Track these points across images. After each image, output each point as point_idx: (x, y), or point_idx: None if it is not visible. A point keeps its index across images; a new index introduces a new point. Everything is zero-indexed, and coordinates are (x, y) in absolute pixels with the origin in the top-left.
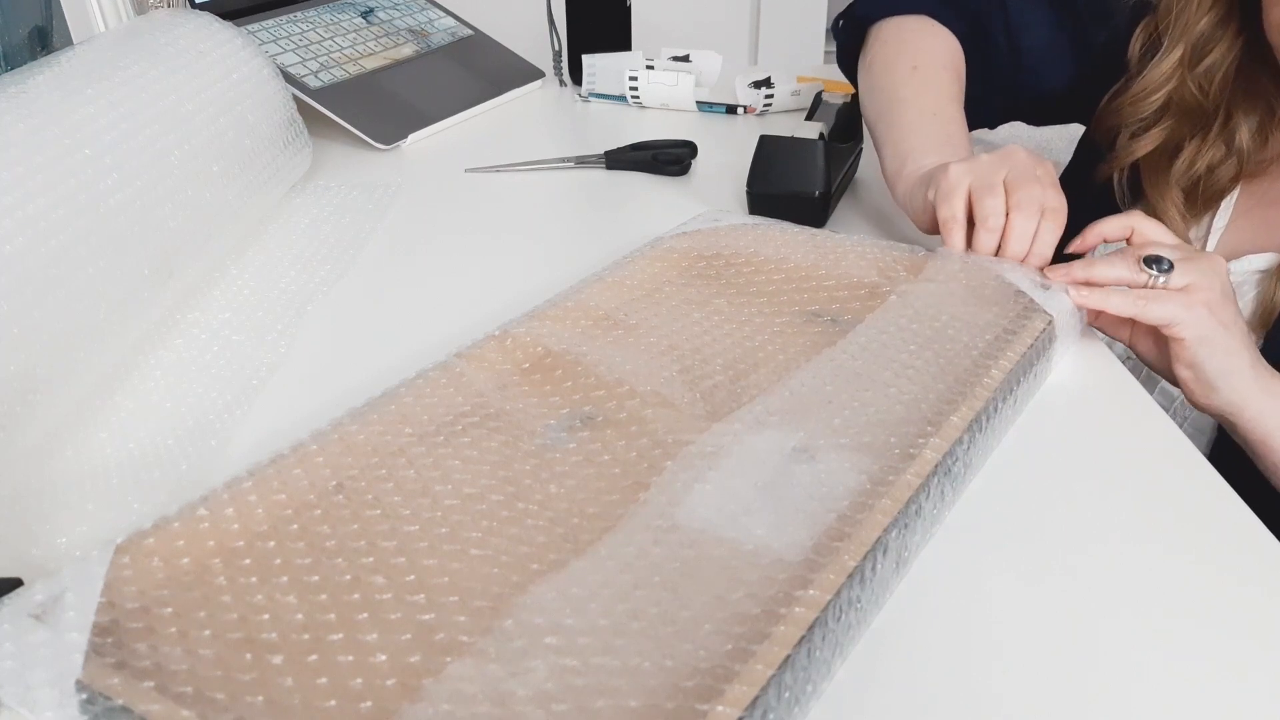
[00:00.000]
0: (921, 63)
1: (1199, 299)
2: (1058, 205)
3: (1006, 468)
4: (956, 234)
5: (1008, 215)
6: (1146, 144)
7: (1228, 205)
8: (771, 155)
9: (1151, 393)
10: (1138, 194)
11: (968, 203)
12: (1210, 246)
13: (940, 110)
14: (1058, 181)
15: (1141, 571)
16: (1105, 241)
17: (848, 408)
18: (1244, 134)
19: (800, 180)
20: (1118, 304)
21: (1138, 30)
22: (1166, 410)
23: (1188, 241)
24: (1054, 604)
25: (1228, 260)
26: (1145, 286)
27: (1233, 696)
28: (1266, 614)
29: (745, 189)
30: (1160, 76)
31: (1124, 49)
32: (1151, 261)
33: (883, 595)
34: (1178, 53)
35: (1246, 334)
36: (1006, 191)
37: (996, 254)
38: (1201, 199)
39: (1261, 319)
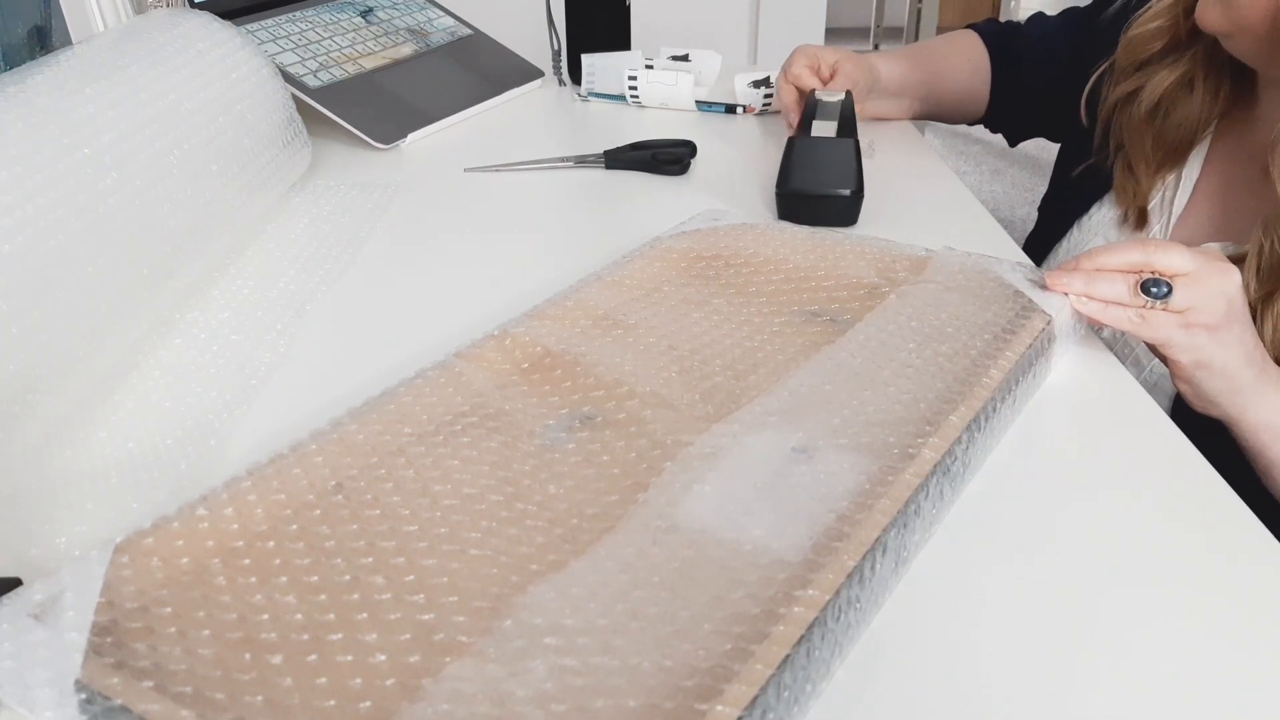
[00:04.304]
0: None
1: (1199, 321)
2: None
3: (1006, 467)
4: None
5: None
6: (1128, 86)
7: (1189, 179)
8: (801, 156)
9: (1124, 363)
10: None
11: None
12: (1171, 225)
13: (922, 47)
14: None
15: (1141, 571)
16: (1100, 270)
17: (847, 407)
18: (1200, 75)
19: (832, 180)
20: (1115, 317)
21: None
22: (1137, 377)
23: (1148, 192)
24: (1053, 603)
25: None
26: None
27: (1232, 695)
28: (1270, 615)
29: (774, 190)
30: (1162, 9)
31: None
32: (1150, 285)
33: (882, 595)
34: None
35: (1253, 349)
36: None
37: None
38: (1168, 146)
39: None
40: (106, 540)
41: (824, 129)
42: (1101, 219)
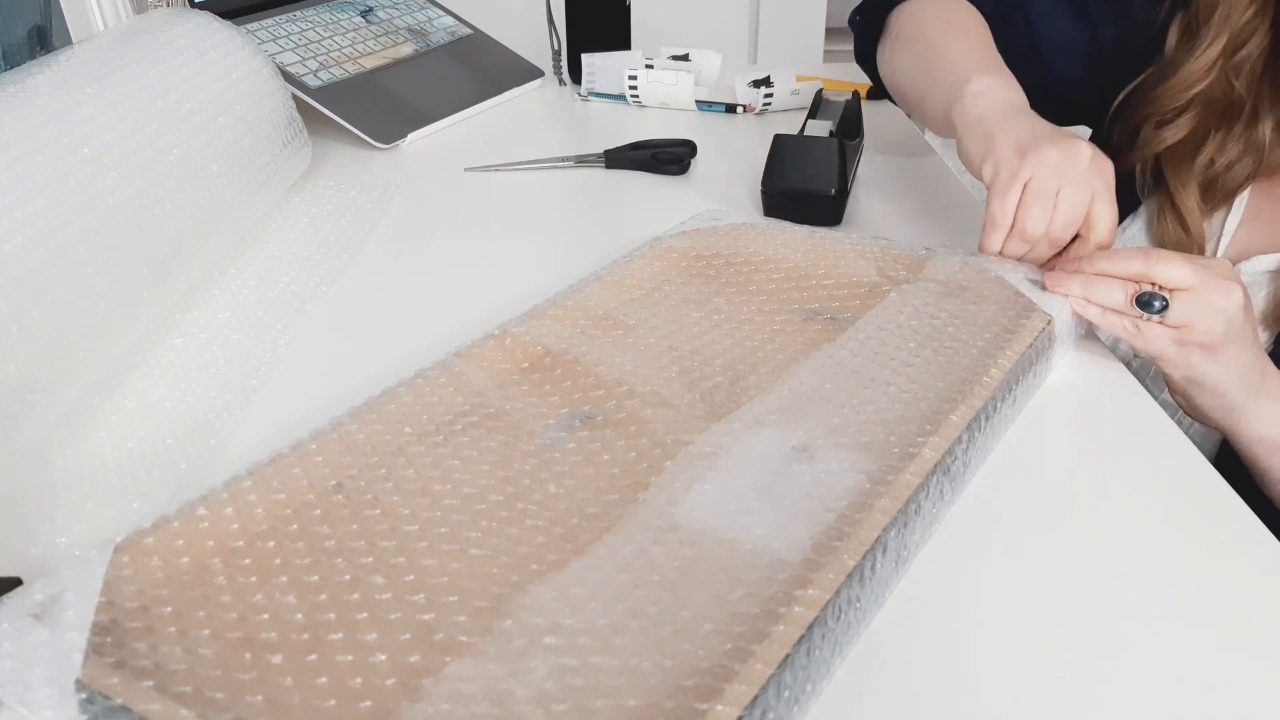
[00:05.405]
0: (955, 20)
1: (1194, 339)
2: (1106, 224)
3: (1006, 467)
4: (995, 237)
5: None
6: (1175, 133)
7: (1239, 205)
8: (786, 154)
9: (1157, 396)
10: (1159, 183)
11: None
12: (1223, 246)
13: (986, 46)
14: (1113, 190)
15: (1142, 572)
16: (1100, 275)
17: (847, 406)
18: (1267, 128)
19: (816, 179)
20: (1113, 323)
21: (1174, 23)
22: (1171, 416)
23: (1201, 242)
24: (1053, 603)
25: (1238, 260)
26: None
27: (1233, 694)
28: (1270, 615)
29: (760, 188)
30: (1201, 68)
31: (1133, 48)
32: (1149, 299)
33: (882, 594)
34: (1220, 44)
35: (1250, 367)
36: (1055, 204)
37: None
38: (1218, 194)
39: (1275, 317)
40: (106, 540)
41: (818, 128)
42: (1135, 235)
